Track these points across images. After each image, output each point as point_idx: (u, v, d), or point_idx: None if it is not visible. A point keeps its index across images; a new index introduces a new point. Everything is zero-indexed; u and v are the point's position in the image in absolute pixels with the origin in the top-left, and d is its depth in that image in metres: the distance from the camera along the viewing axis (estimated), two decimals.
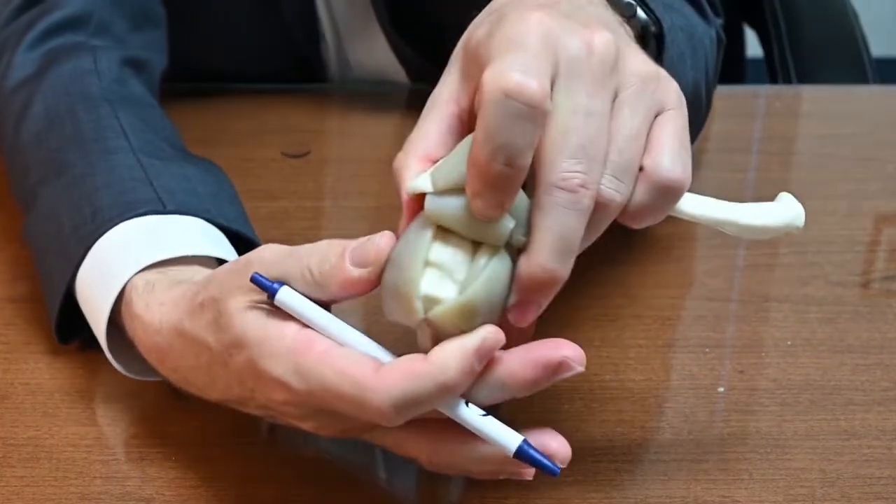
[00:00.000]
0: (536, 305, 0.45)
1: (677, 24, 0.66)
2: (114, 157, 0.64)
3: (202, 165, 0.67)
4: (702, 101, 0.73)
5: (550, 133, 0.44)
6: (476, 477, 0.50)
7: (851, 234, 0.76)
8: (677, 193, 0.47)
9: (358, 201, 0.79)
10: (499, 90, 0.42)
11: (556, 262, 0.44)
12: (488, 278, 0.45)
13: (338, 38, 0.91)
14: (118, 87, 0.70)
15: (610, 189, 0.45)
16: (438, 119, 0.48)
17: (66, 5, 0.75)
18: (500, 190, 0.43)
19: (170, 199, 0.61)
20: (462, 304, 0.45)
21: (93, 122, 0.66)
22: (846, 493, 0.55)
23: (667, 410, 0.61)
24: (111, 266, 0.57)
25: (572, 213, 0.44)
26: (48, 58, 0.72)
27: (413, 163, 0.47)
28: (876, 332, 0.66)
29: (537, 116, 0.42)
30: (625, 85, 0.46)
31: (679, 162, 0.46)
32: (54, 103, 0.68)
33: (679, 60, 0.64)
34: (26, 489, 0.55)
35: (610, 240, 0.74)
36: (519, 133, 0.42)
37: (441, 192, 0.46)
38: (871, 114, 0.93)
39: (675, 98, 0.48)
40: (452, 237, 0.46)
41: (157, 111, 0.72)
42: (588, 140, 0.44)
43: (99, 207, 0.60)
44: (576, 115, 0.44)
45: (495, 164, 0.42)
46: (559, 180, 0.43)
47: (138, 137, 0.65)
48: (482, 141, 0.42)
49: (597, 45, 0.45)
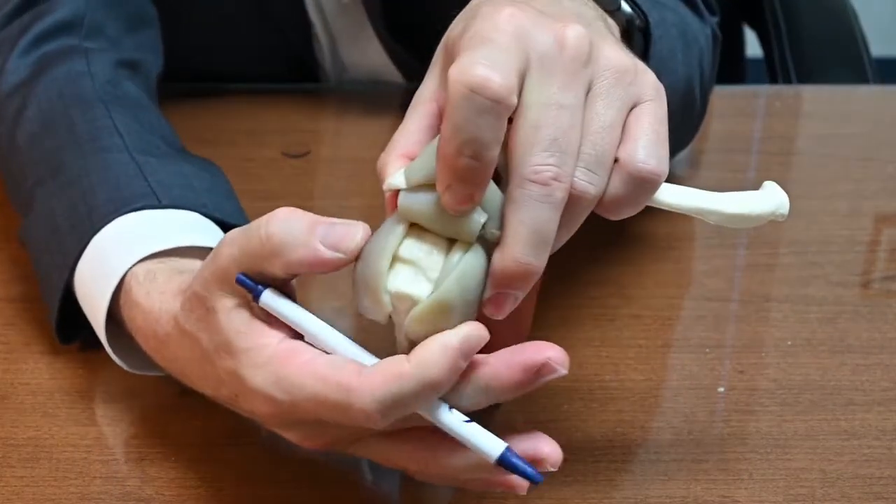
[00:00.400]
0: (512, 298, 0.45)
1: (669, 20, 0.65)
2: (108, 155, 0.64)
3: (198, 163, 0.67)
4: (695, 99, 0.72)
5: (522, 127, 0.44)
6: (467, 488, 0.49)
7: (851, 234, 0.76)
8: (653, 184, 0.46)
9: (357, 201, 0.79)
10: (463, 85, 0.42)
11: (530, 255, 0.44)
12: (462, 273, 0.45)
13: (331, 40, 0.91)
14: (112, 89, 0.70)
15: (584, 181, 0.45)
16: (419, 117, 0.49)
17: (59, 9, 0.75)
18: (469, 183, 0.43)
19: (165, 194, 0.61)
20: (437, 302, 0.45)
21: (87, 122, 0.66)
22: (846, 493, 0.55)
23: (667, 410, 0.61)
24: (109, 258, 0.57)
25: (545, 206, 0.44)
26: (42, 62, 0.72)
27: (394, 161, 0.48)
28: (876, 332, 0.66)
29: (501, 111, 0.42)
30: (599, 78, 0.46)
31: (654, 152, 0.46)
32: (49, 106, 0.68)
33: (669, 56, 0.64)
34: (26, 489, 0.55)
35: (609, 240, 0.75)
36: (484, 127, 0.42)
37: (414, 189, 0.46)
38: (871, 114, 0.93)
39: (651, 90, 0.48)
40: (427, 235, 0.46)
41: (153, 111, 0.72)
42: (560, 133, 0.44)
43: (94, 205, 0.60)
44: (548, 108, 0.44)
45: (462, 158, 0.43)
46: (531, 173, 0.44)
47: (133, 136, 0.66)
48: (449, 136, 0.43)
49: (569, 39, 0.45)
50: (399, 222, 0.46)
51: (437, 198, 0.45)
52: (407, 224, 0.46)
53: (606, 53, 0.47)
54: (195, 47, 0.87)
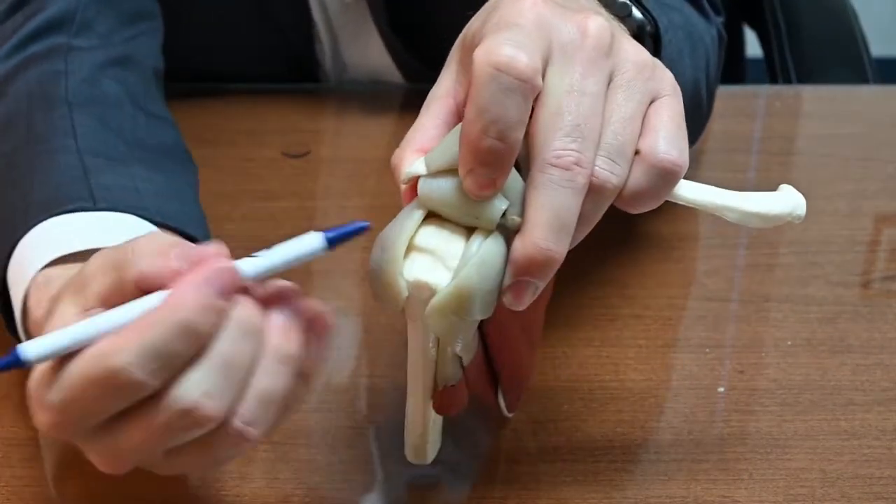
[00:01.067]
0: (532, 287, 0.45)
1: (676, 22, 0.66)
2: (55, 156, 0.63)
3: (157, 165, 0.65)
4: (702, 100, 0.72)
5: (544, 113, 0.44)
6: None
7: (851, 234, 0.76)
8: (675, 176, 0.46)
9: (357, 201, 0.79)
10: (489, 65, 0.42)
11: (551, 240, 0.44)
12: (481, 261, 0.45)
13: (333, 40, 0.91)
14: (86, 88, 0.69)
15: (605, 171, 0.45)
16: (435, 114, 0.48)
17: (50, 6, 0.74)
18: (492, 166, 0.43)
19: (103, 197, 0.59)
20: (457, 289, 0.45)
21: (45, 123, 0.65)
22: (846, 493, 0.55)
23: (667, 410, 0.61)
24: (24, 264, 0.56)
25: (567, 191, 0.44)
26: (22, 64, 0.71)
27: (409, 156, 0.47)
28: (876, 332, 0.66)
29: (527, 91, 0.42)
30: (619, 70, 0.46)
31: (675, 144, 0.46)
32: (15, 107, 0.67)
33: (678, 58, 0.64)
34: (26, 489, 0.55)
35: (610, 240, 0.75)
36: (510, 107, 0.42)
37: (434, 175, 0.46)
38: (871, 114, 0.93)
39: (669, 86, 0.48)
40: (446, 224, 0.46)
41: (126, 110, 0.70)
42: (582, 119, 0.44)
43: (30, 204, 0.59)
44: (570, 94, 0.44)
45: (486, 138, 0.43)
46: (553, 158, 0.43)
47: (88, 138, 0.64)
48: (473, 116, 0.43)
49: (591, 29, 0.45)
50: (416, 208, 0.46)
51: (459, 183, 0.45)
52: (425, 210, 0.46)
53: (626, 47, 0.47)
54: (195, 47, 0.87)
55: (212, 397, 0.43)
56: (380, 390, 0.61)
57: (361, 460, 0.57)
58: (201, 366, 0.43)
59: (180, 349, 0.42)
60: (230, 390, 0.43)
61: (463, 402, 0.51)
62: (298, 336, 0.45)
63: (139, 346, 0.42)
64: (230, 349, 0.43)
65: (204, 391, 0.43)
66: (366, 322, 0.67)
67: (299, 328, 0.45)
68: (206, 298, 0.42)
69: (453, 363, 0.49)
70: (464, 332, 0.47)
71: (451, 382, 0.50)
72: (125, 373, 0.42)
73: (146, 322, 0.42)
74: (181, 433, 0.44)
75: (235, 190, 0.78)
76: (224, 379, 0.43)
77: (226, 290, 0.43)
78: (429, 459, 0.54)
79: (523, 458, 0.57)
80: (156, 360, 0.42)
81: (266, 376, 0.44)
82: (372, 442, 0.58)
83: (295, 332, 0.45)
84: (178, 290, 0.43)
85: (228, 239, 0.58)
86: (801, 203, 0.51)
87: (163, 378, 0.42)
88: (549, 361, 0.63)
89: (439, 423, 0.53)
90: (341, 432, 0.58)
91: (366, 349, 0.65)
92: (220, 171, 0.80)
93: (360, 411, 0.60)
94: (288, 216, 0.76)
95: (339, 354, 0.65)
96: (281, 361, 0.44)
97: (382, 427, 0.58)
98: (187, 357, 0.43)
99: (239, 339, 0.43)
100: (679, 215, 0.74)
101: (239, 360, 0.43)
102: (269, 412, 0.44)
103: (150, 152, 0.67)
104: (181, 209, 0.63)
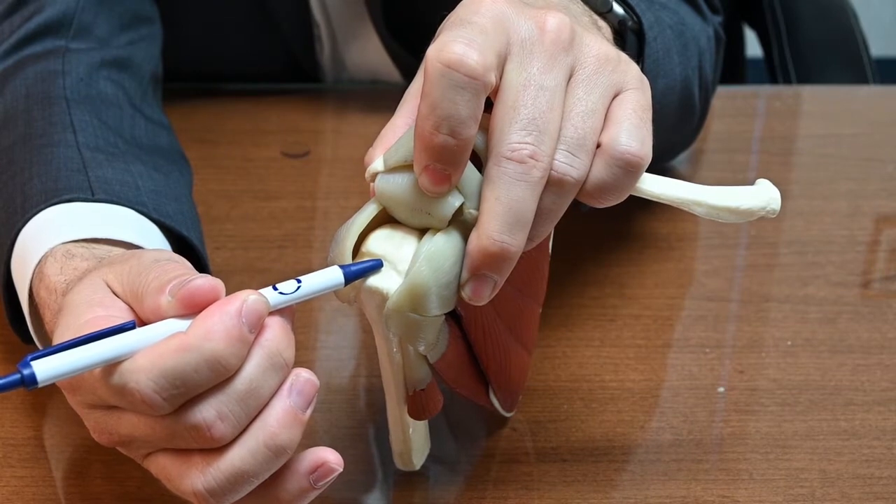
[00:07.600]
0: (491, 281, 0.45)
1: (664, 20, 0.65)
2: (54, 150, 0.63)
3: (157, 164, 0.66)
4: (694, 100, 0.72)
5: (501, 108, 0.44)
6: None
7: (851, 234, 0.76)
8: (637, 168, 0.46)
9: (357, 201, 0.79)
10: (439, 62, 0.42)
11: (506, 233, 0.44)
12: (431, 254, 0.45)
13: (333, 40, 0.91)
14: (84, 87, 0.69)
15: (564, 164, 0.45)
16: (407, 113, 0.48)
17: (47, 8, 0.74)
18: (446, 162, 0.43)
19: (101, 189, 0.60)
20: (410, 286, 0.45)
21: (44, 119, 0.66)
22: (846, 493, 0.55)
23: (667, 410, 0.61)
24: (30, 247, 0.56)
25: (522, 184, 0.43)
26: (17, 65, 0.71)
27: (379, 153, 0.48)
28: (876, 332, 0.66)
29: (478, 88, 0.42)
30: (581, 64, 0.46)
31: (637, 136, 0.46)
32: (13, 105, 0.68)
33: (665, 56, 0.64)
34: (26, 489, 0.55)
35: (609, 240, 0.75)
36: (460, 104, 0.42)
37: (391, 171, 0.46)
38: (871, 114, 0.93)
39: (635, 79, 0.48)
40: (399, 229, 0.46)
41: (124, 111, 0.71)
42: (538, 113, 0.44)
43: (29, 195, 0.60)
44: (526, 89, 0.44)
45: (439, 135, 0.43)
46: (508, 151, 0.43)
47: (87, 133, 0.65)
48: (425, 113, 0.43)
49: (549, 24, 0.45)
50: (370, 204, 0.46)
51: (414, 179, 0.45)
52: (380, 206, 0.46)
53: (588, 42, 0.47)
54: (195, 47, 0.87)
55: (226, 421, 0.43)
56: (380, 390, 0.61)
57: (361, 460, 0.57)
58: (224, 391, 0.43)
59: (204, 379, 0.43)
60: (247, 419, 0.44)
61: (437, 406, 0.51)
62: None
63: (161, 371, 0.42)
64: (257, 379, 0.44)
65: (219, 413, 0.43)
66: (365, 322, 0.67)
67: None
68: (235, 330, 0.43)
69: (420, 365, 0.49)
70: (424, 330, 0.47)
71: (420, 386, 0.50)
72: (145, 395, 0.42)
73: (173, 347, 0.42)
74: (184, 444, 0.44)
75: (235, 190, 0.78)
76: (242, 407, 0.44)
77: (255, 324, 0.43)
78: (416, 466, 0.54)
79: (523, 457, 0.57)
80: (178, 388, 0.42)
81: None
82: (372, 442, 0.58)
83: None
84: (208, 320, 0.43)
85: (228, 239, 0.58)
86: (775, 198, 0.50)
87: (181, 402, 0.43)
88: (549, 361, 0.63)
89: (423, 428, 0.53)
90: (341, 432, 0.58)
91: (366, 349, 0.65)
92: (220, 171, 0.80)
93: (360, 411, 0.60)
94: (288, 216, 0.76)
95: (339, 354, 0.65)
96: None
97: (382, 427, 0.58)
98: (209, 385, 0.43)
99: (267, 370, 0.44)
100: (678, 215, 0.74)
101: (262, 392, 0.44)
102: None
103: (148, 152, 0.68)
104: (178, 210, 0.63)
